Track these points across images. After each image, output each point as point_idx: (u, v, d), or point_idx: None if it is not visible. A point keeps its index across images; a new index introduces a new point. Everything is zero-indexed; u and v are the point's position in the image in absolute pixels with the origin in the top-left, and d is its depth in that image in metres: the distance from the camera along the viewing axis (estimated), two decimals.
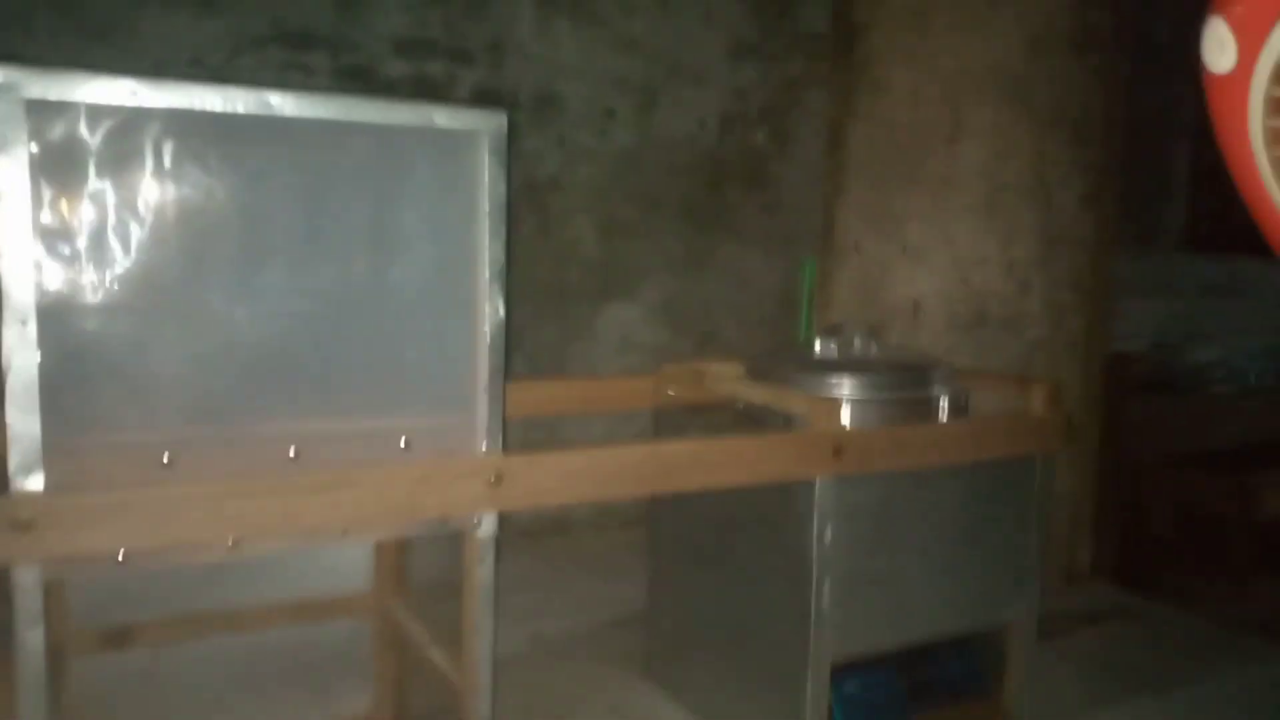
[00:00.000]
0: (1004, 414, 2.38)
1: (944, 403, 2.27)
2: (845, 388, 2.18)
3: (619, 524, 3.90)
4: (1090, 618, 3.11)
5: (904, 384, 2.25)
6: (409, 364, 1.67)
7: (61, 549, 1.38)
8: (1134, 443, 3.55)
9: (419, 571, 2.25)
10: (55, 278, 1.41)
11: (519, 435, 1.86)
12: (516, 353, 3.66)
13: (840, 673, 2.13)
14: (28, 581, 1.38)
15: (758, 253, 4.17)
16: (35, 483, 1.38)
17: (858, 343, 2.41)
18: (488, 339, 1.69)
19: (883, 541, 2.14)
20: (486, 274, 1.68)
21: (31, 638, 1.39)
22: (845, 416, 2.06)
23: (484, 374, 1.70)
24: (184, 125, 1.46)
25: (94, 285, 1.43)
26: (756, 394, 2.25)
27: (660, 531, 2.59)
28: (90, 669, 1.98)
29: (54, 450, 1.39)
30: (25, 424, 1.37)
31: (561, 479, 1.77)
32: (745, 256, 4.15)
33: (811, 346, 2.42)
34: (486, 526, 1.72)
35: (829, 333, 2.45)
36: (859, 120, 3.45)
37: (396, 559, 2.26)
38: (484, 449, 1.70)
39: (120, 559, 1.44)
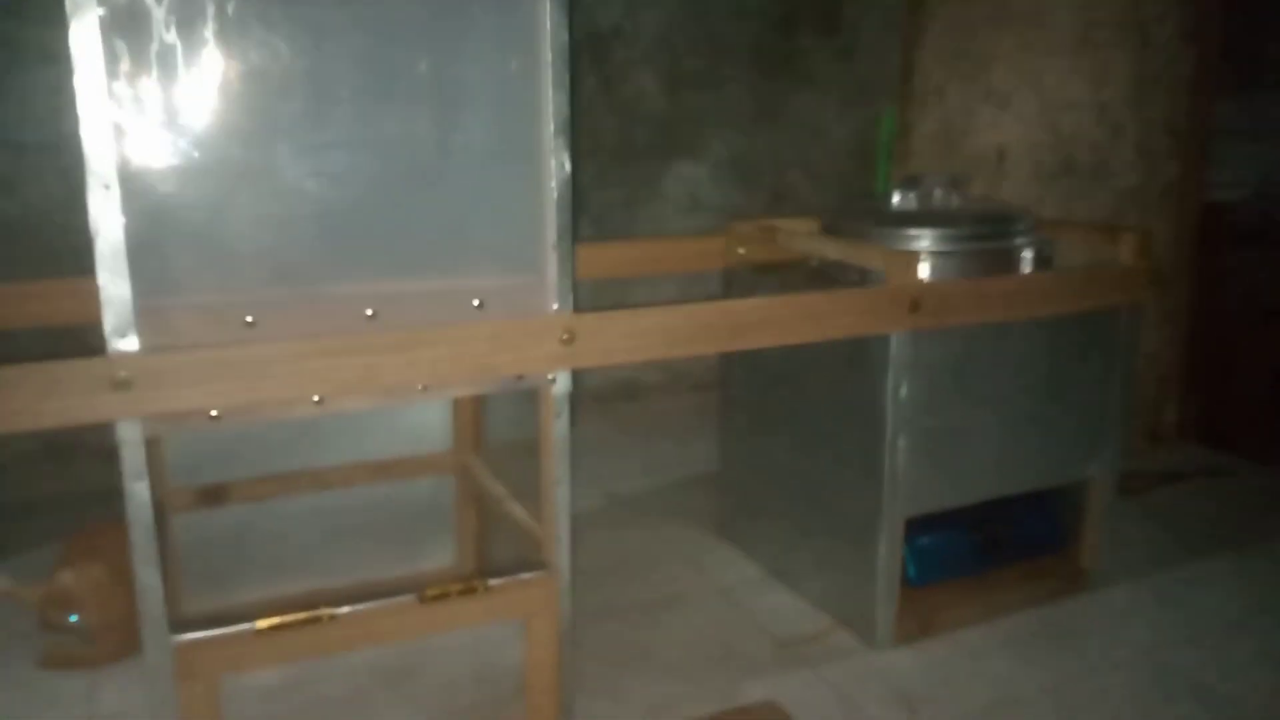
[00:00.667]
0: (1088, 265, 2.29)
1: (1026, 254, 2.19)
2: (923, 240, 2.12)
3: (688, 387, 3.92)
4: (1174, 477, 3.07)
5: (984, 235, 2.17)
6: (478, 224, 1.66)
7: (158, 406, 1.44)
8: (1228, 297, 3.40)
9: (494, 432, 2.30)
10: (133, 143, 1.41)
11: (588, 298, 1.85)
12: (582, 215, 3.63)
13: (914, 526, 2.15)
14: (131, 436, 1.45)
15: (832, 102, 4.00)
16: (130, 344, 1.42)
17: (937, 194, 2.33)
18: (554, 196, 1.66)
19: (959, 396, 2.11)
20: (551, 127, 1.64)
21: (139, 488, 1.46)
22: (923, 270, 2.00)
23: (552, 232, 1.68)
24: None
25: (170, 150, 1.43)
26: (830, 249, 2.20)
27: (731, 392, 2.60)
28: (189, 525, 2.10)
29: (145, 313, 1.43)
30: (116, 287, 1.40)
31: (632, 337, 1.76)
32: (819, 107, 3.99)
33: (888, 199, 2.34)
34: (561, 383, 1.73)
35: (907, 185, 2.36)
36: None
37: (474, 418, 2.32)
38: (555, 308, 1.70)
39: (214, 415, 1.49)
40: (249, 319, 1.50)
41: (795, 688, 2.00)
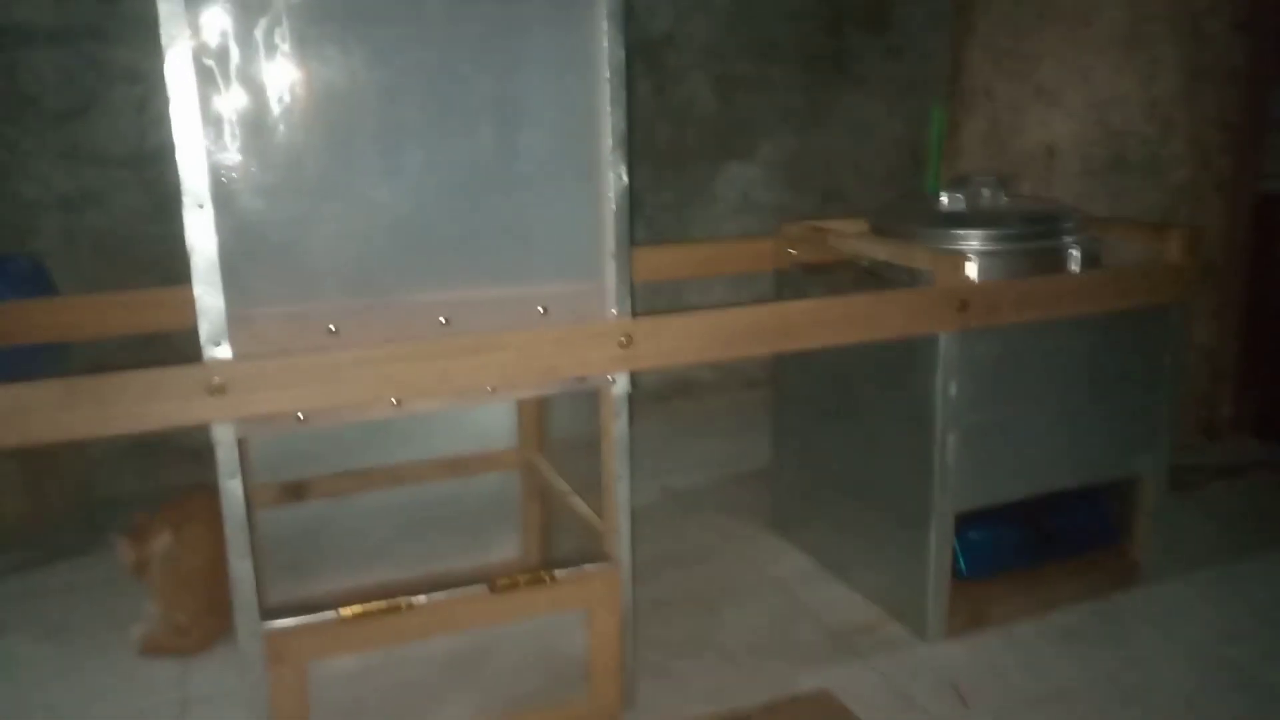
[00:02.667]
0: (1136, 263, 2.32)
1: (1075, 253, 2.23)
2: (971, 241, 2.17)
3: (741, 385, 3.99)
4: (1229, 471, 3.06)
5: (1032, 235, 2.22)
6: (541, 234, 1.75)
7: (250, 409, 1.56)
8: None
9: (557, 430, 2.40)
10: (223, 164, 1.53)
11: (643, 300, 1.93)
12: (636, 217, 3.71)
13: (964, 520, 2.20)
14: (225, 438, 1.57)
15: (881, 102, 4.04)
16: (224, 351, 1.54)
17: (986, 193, 2.37)
18: (613, 207, 1.75)
19: (1009, 393, 2.16)
20: (609, 142, 1.72)
21: (233, 486, 1.58)
22: (971, 270, 2.05)
23: (611, 242, 1.77)
24: (322, 9, 1.54)
25: (256, 169, 1.55)
26: (879, 250, 2.26)
27: (784, 390, 2.67)
28: (272, 520, 2.22)
29: (236, 322, 1.55)
30: (211, 298, 1.52)
31: (688, 340, 1.85)
32: (868, 106, 4.03)
33: (937, 199, 2.39)
34: (620, 384, 1.82)
35: (955, 184, 2.41)
36: None
37: (538, 418, 2.42)
38: (614, 313, 1.79)
39: (300, 417, 1.61)
40: (331, 327, 1.62)
41: (848, 678, 2.07)
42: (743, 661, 2.16)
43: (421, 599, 1.75)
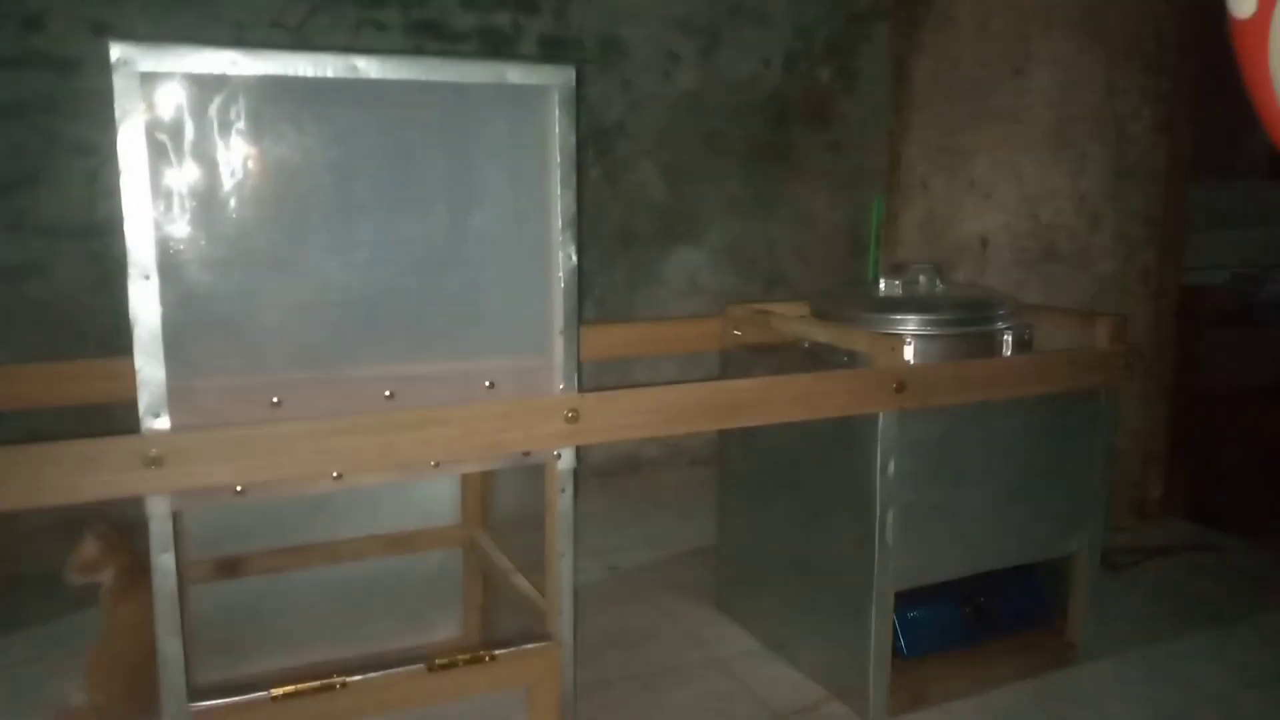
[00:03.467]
0: (1066, 349, 2.41)
1: (1007, 338, 2.31)
2: (908, 324, 2.24)
3: (688, 462, 4.01)
4: (1161, 551, 3.14)
5: (967, 320, 2.29)
6: (490, 310, 1.78)
7: (187, 481, 1.54)
8: (1208, 377, 3.52)
9: (501, 507, 2.39)
10: (171, 236, 1.54)
11: (592, 378, 1.96)
12: (586, 298, 3.77)
13: (904, 599, 2.22)
14: (160, 510, 1.54)
15: (823, 192, 4.19)
16: (162, 423, 1.53)
17: (922, 280, 2.46)
18: (561, 285, 1.79)
19: (946, 473, 2.21)
20: (559, 223, 1.77)
21: (165, 560, 1.55)
22: (908, 353, 2.11)
23: (559, 319, 1.80)
24: (279, 89, 1.58)
25: (205, 242, 1.56)
26: (820, 333, 2.32)
27: (729, 468, 2.69)
28: (206, 596, 2.17)
29: (177, 394, 1.54)
30: (151, 370, 1.52)
31: (633, 415, 1.87)
32: (811, 196, 4.17)
33: (876, 286, 2.47)
34: (566, 459, 1.84)
35: (893, 271, 2.50)
36: (924, 55, 3.43)
37: (482, 494, 2.41)
38: (560, 388, 1.81)
39: (239, 490, 1.59)
40: (275, 399, 1.62)
41: None
42: None
43: (356, 678, 1.71)
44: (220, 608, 2.20)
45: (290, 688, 1.67)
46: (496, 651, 1.82)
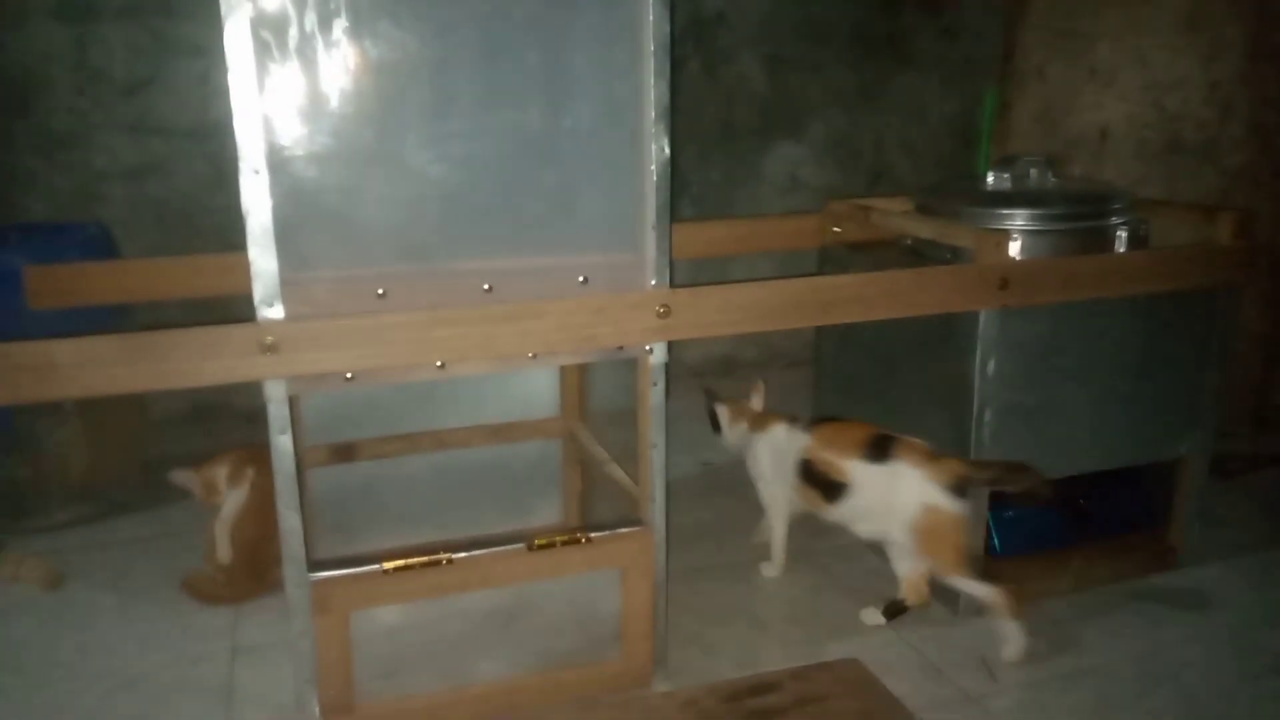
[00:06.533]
0: (1184, 245, 2.29)
1: (1120, 234, 2.21)
2: (1015, 219, 2.17)
3: (784, 365, 4.00)
4: (1276, 460, 3.01)
5: (1077, 215, 2.20)
6: (584, 205, 1.79)
7: (300, 368, 1.62)
8: None
9: (598, 400, 2.45)
10: (279, 131, 1.59)
11: (687, 276, 1.97)
12: (683, 196, 3.74)
13: (999, 498, 2.20)
14: (277, 394, 1.64)
15: (933, 83, 4.01)
16: (276, 312, 1.61)
17: (1033, 174, 2.36)
18: (654, 178, 1.78)
19: (1049, 373, 2.16)
20: (652, 114, 1.75)
21: (283, 441, 1.65)
22: (1014, 249, 2.05)
23: (651, 213, 1.80)
24: None
25: (311, 138, 1.61)
26: (922, 228, 2.27)
27: (824, 368, 2.68)
28: (322, 479, 2.31)
29: (289, 284, 1.61)
30: (265, 261, 1.59)
31: (725, 311, 1.87)
32: (920, 87, 4.00)
33: (983, 179, 2.38)
34: (657, 354, 1.86)
35: (1002, 164, 2.40)
36: None
37: (579, 388, 2.47)
38: (653, 284, 1.83)
39: (349, 377, 1.67)
40: (380, 291, 1.68)
41: (878, 648, 2.10)
42: (774, 629, 2.19)
43: (461, 555, 1.81)
44: (335, 491, 2.33)
45: (401, 561, 1.78)
46: (592, 534, 1.89)
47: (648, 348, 1.85)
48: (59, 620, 2.27)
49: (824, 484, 2.20)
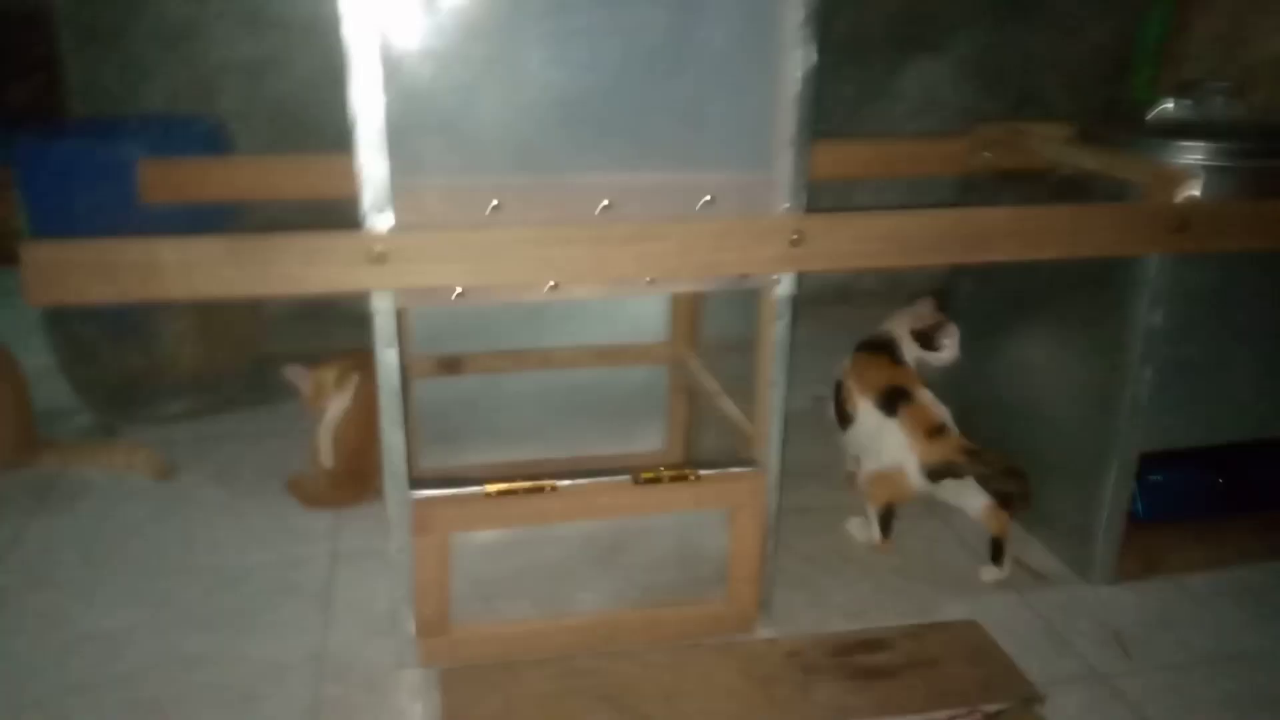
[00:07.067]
0: None
1: None
2: (1197, 154, 1.92)
3: (907, 296, 3.78)
4: None
5: (1271, 152, 1.94)
6: (713, 119, 1.64)
7: (409, 280, 1.54)
8: None
9: (710, 329, 2.33)
10: (393, 31, 1.47)
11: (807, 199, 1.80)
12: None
13: (1148, 459, 2.01)
14: (384, 306, 1.56)
15: None
16: (386, 220, 1.52)
17: (1219, 102, 2.08)
18: (797, 88, 1.62)
19: (1220, 328, 1.94)
20: (798, 16, 1.58)
21: (389, 355, 1.58)
22: (1195, 187, 1.81)
23: (789, 126, 1.64)
24: None
25: (426, 37, 1.49)
26: (1088, 159, 2.03)
27: (957, 304, 2.49)
28: (428, 390, 2.26)
29: (400, 192, 1.52)
30: (375, 166, 1.49)
31: (865, 242, 1.71)
32: (1078, 2, 3.64)
33: (1154, 107, 2.12)
34: (785, 285, 1.72)
35: (1182, 90, 2.13)
36: None
37: (691, 315, 2.35)
38: (785, 208, 1.67)
39: (459, 292, 1.58)
40: (494, 203, 1.57)
41: (999, 611, 1.96)
42: (886, 581, 2.07)
43: (566, 483, 1.73)
44: (440, 402, 2.28)
45: (504, 485, 1.71)
46: (702, 471, 1.79)
47: (775, 278, 1.71)
48: (167, 512, 2.31)
49: (840, 408, 2.27)
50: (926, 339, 2.23)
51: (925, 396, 2.13)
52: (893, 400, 2.12)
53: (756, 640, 1.86)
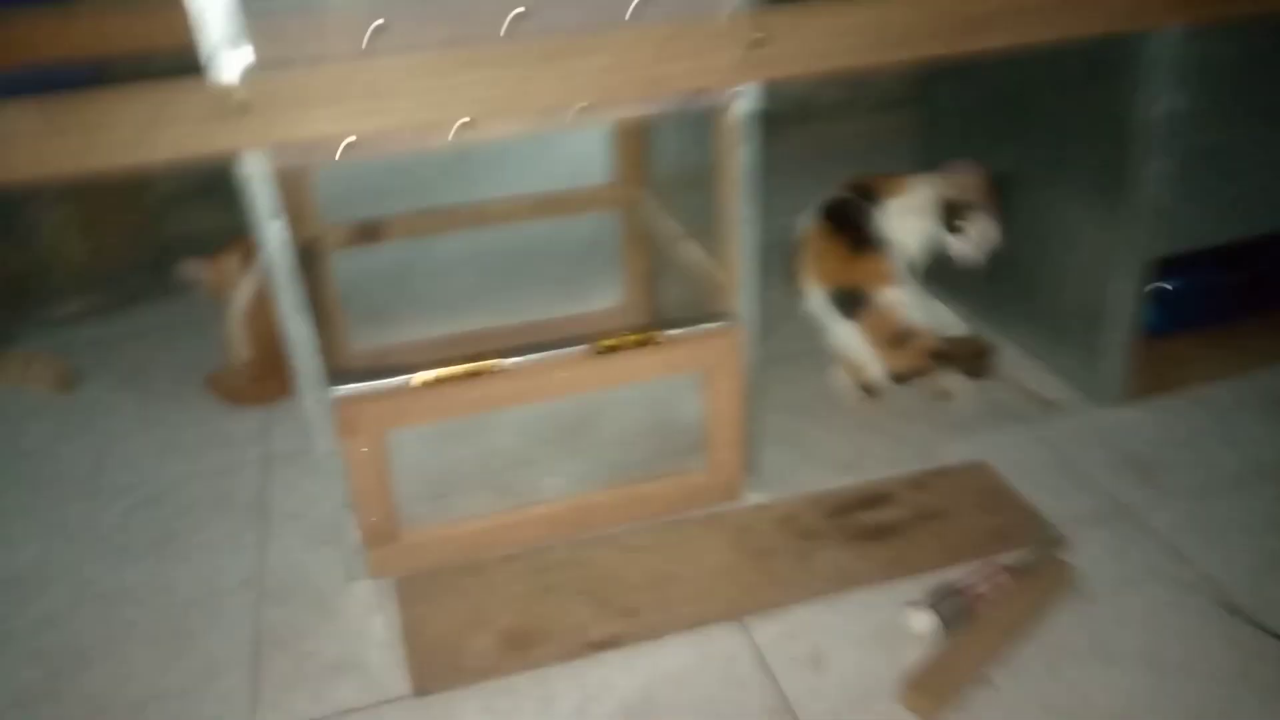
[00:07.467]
0: None
1: None
2: None
3: (871, 107, 3.48)
4: None
5: None
6: None
7: (282, 132, 1.23)
8: None
9: (662, 163, 2.05)
10: None
11: None
12: None
13: (1159, 264, 1.80)
14: (257, 170, 1.26)
15: None
16: (241, 58, 1.20)
17: None
18: None
19: (1239, 111, 1.69)
20: None
21: (274, 228, 1.30)
22: None
23: None
24: None
25: None
26: None
27: (936, 109, 2.22)
28: (348, 262, 1.98)
29: (254, 17, 1.19)
30: None
31: (840, 37, 1.41)
32: None
33: None
34: (748, 100, 1.43)
35: None
36: None
37: (638, 148, 2.06)
38: (741, 1, 1.36)
39: (349, 141, 1.28)
40: (378, 22, 1.24)
41: (1007, 448, 1.78)
42: (880, 425, 1.88)
43: (511, 361, 1.48)
44: (365, 275, 2.01)
45: (440, 371, 1.47)
46: (669, 332, 1.54)
47: (735, 90, 1.41)
48: (72, 427, 2.05)
49: (795, 273, 1.99)
50: (951, 216, 1.86)
51: (888, 297, 1.85)
52: (848, 304, 1.87)
53: (745, 508, 1.67)
